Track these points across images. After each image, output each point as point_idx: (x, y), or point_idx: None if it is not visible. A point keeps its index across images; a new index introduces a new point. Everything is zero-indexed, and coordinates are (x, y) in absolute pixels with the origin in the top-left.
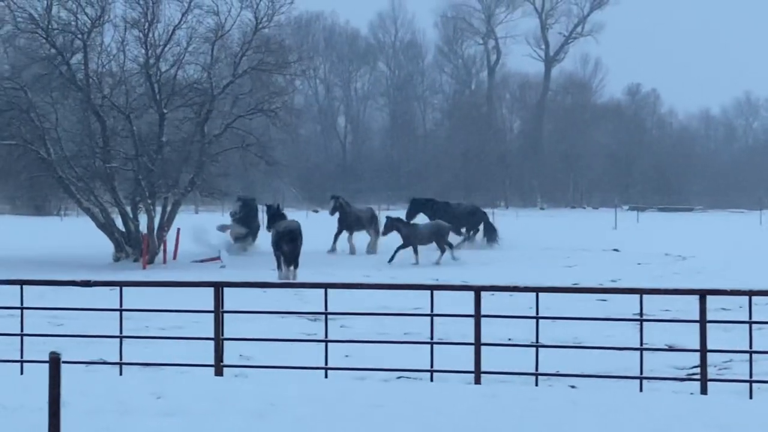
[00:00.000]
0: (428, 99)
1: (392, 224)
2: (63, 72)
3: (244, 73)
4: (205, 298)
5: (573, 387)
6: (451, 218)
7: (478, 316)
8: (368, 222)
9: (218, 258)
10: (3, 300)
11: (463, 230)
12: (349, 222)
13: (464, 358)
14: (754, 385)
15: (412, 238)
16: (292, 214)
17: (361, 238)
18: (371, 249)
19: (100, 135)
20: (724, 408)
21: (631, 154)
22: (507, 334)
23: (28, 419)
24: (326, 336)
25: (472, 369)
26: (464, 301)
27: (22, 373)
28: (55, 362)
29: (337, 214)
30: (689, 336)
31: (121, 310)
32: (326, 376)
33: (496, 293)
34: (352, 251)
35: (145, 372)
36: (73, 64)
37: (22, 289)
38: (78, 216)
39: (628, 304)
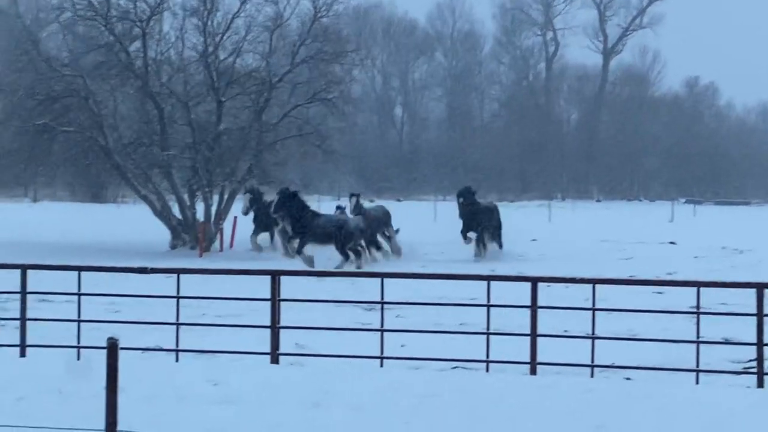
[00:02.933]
0: (485, 90)
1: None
2: (121, 59)
3: (302, 62)
4: (261, 286)
5: (628, 379)
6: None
7: (534, 307)
8: (384, 222)
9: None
10: (61, 286)
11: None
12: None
13: (520, 349)
14: None
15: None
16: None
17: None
18: (395, 251)
19: (157, 123)
20: None
21: (688, 147)
22: (563, 326)
23: (85, 405)
24: (382, 325)
25: (528, 360)
26: (520, 292)
27: (79, 359)
28: (112, 348)
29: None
30: (746, 329)
31: (178, 298)
32: (381, 365)
33: (552, 285)
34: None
35: (201, 359)
36: (131, 51)
37: (79, 275)
38: (135, 203)
39: (685, 297)
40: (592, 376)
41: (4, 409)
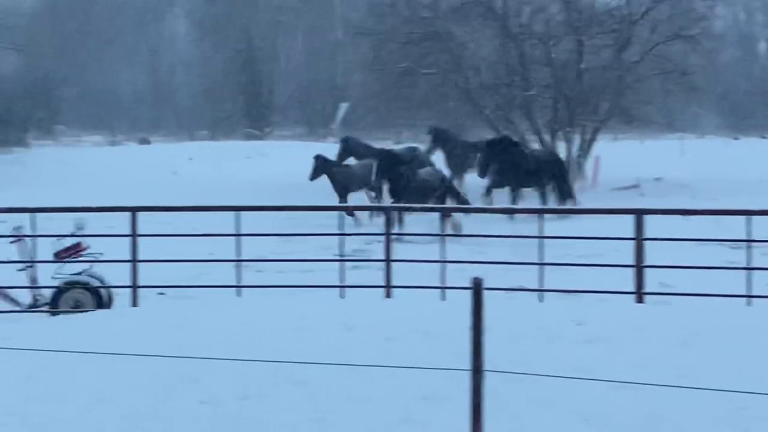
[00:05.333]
0: None
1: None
2: (482, 1)
3: None
4: (625, 225)
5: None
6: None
7: None
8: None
9: (637, 186)
10: (425, 227)
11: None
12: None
13: None
14: None
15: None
16: (709, 142)
17: None
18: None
19: (517, 63)
20: None
21: None
22: None
23: (451, 344)
24: (748, 264)
25: None
26: None
27: (443, 300)
28: (477, 288)
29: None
30: None
31: (541, 238)
32: (749, 305)
33: None
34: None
35: (564, 299)
36: None
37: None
38: None
39: None
40: None
41: (372, 349)
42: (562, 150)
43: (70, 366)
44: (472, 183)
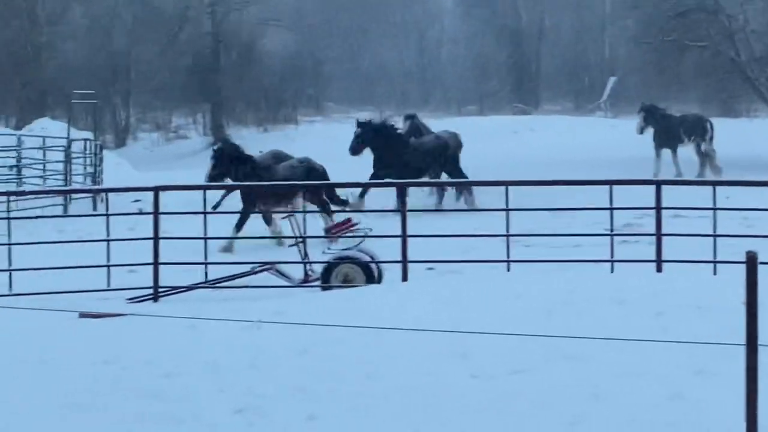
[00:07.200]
0: None
1: None
2: None
3: None
4: None
5: None
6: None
7: None
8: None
9: None
10: (696, 201)
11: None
12: None
13: None
14: None
15: None
16: None
17: None
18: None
19: None
20: None
21: None
22: None
23: (723, 319)
24: None
25: None
26: None
27: (715, 274)
28: (752, 262)
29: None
30: None
31: None
32: None
33: None
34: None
35: None
36: None
37: (714, 190)
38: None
39: None
40: None
41: (644, 323)
42: None
43: (342, 340)
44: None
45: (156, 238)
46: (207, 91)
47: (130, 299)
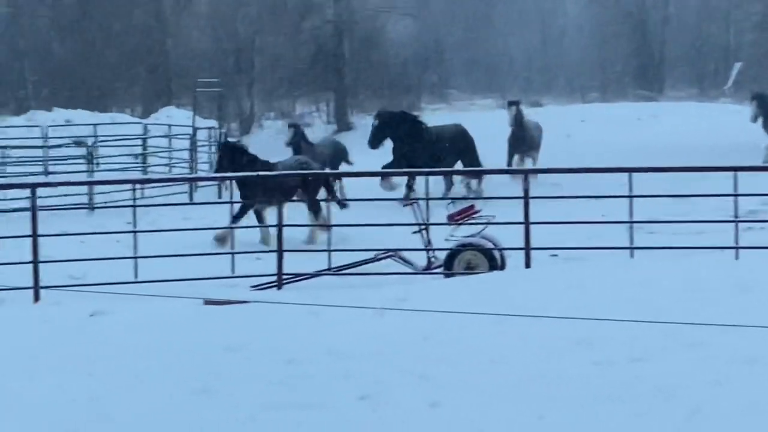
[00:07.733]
0: None
1: None
2: None
3: None
4: None
5: None
6: None
7: None
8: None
9: None
10: None
11: None
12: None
13: None
14: None
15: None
16: None
17: None
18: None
19: None
20: None
21: None
22: None
23: None
24: None
25: None
26: None
27: None
28: None
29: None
30: None
31: None
32: None
33: None
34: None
35: None
36: None
37: None
38: None
39: None
40: None
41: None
42: None
43: (465, 327)
44: None
45: (280, 226)
46: (330, 80)
47: (254, 287)
